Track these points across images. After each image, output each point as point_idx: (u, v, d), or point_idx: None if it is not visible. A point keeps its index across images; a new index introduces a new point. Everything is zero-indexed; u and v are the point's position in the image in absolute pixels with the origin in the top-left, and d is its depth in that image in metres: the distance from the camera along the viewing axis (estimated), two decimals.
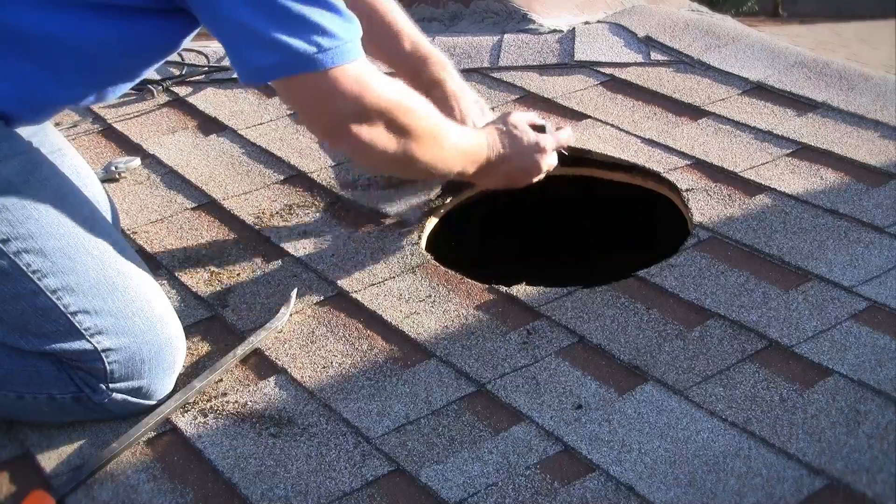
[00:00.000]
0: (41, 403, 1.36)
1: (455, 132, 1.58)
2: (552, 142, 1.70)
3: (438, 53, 1.81)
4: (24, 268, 1.32)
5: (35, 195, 1.35)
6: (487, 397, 1.35)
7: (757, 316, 1.44)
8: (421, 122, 1.48)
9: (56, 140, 1.59)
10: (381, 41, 1.77)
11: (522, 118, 1.68)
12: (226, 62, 2.46)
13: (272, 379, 1.43)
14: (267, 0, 1.28)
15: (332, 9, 1.32)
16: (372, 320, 1.53)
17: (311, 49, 1.31)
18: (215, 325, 1.56)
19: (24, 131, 1.44)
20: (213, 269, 1.69)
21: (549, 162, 1.71)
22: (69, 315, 1.34)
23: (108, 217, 1.60)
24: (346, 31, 1.34)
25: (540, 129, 1.71)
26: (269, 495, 1.22)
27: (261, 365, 1.46)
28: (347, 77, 1.35)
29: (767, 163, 1.83)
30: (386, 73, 1.49)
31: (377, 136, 1.42)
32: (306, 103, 1.41)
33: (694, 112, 2.05)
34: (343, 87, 1.36)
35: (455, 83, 1.80)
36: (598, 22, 2.50)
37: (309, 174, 1.95)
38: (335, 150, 1.88)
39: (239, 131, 2.14)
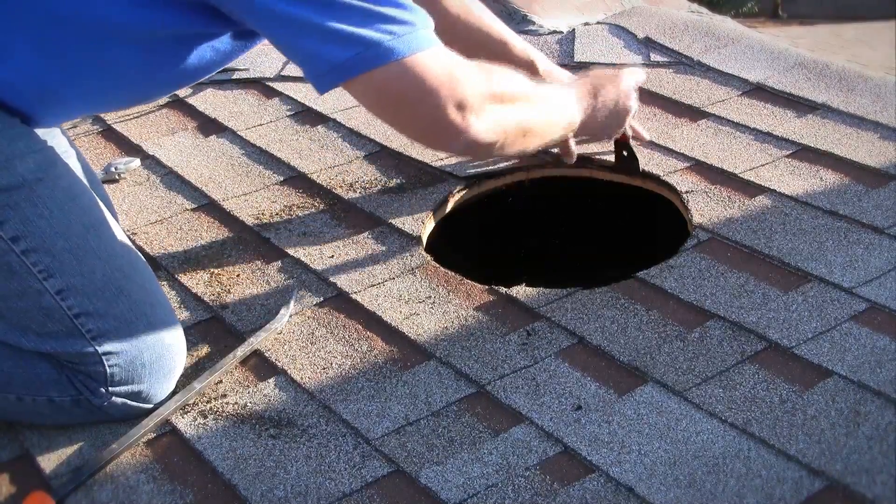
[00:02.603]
0: (40, 406, 1.36)
1: (545, 95, 1.50)
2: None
3: (515, 35, 1.83)
4: (31, 266, 1.32)
5: (47, 194, 1.35)
6: (487, 398, 1.35)
7: (757, 317, 1.44)
8: (521, 87, 1.40)
9: (64, 141, 1.60)
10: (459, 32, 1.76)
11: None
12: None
13: (272, 380, 1.43)
14: None
15: (393, 3, 1.24)
16: (372, 321, 1.53)
17: (386, 37, 1.22)
18: (215, 326, 1.56)
19: (38, 132, 1.44)
20: (212, 270, 1.69)
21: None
22: (72, 317, 1.34)
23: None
24: (415, 18, 1.26)
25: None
26: (269, 496, 1.22)
27: (260, 366, 1.46)
28: (432, 62, 1.25)
29: (767, 164, 1.83)
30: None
31: (486, 117, 1.30)
32: (395, 100, 1.28)
33: (694, 113, 2.05)
34: (431, 73, 1.24)
35: (545, 63, 1.82)
36: (598, 23, 2.50)
37: (309, 175, 1.95)
38: (444, 151, 1.71)
39: (239, 132, 2.14)
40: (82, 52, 1.33)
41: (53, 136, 1.53)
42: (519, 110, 1.39)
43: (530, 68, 1.84)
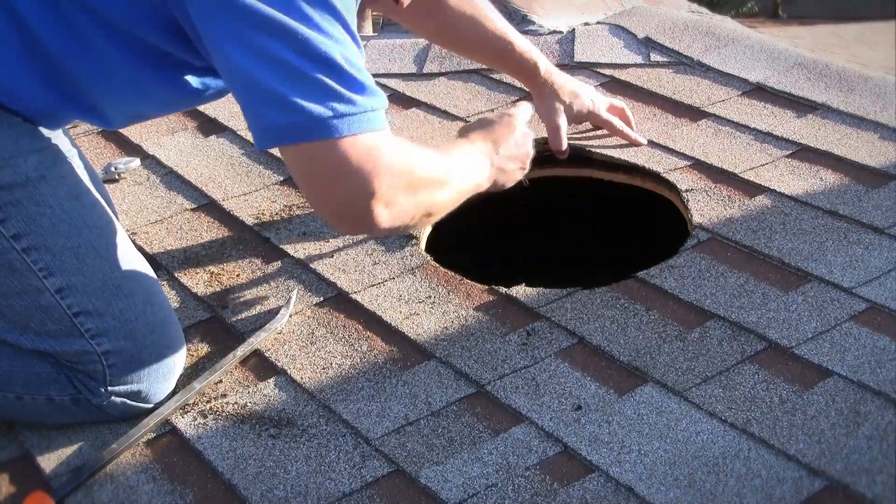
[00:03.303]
0: (40, 405, 1.36)
1: (458, 172, 1.47)
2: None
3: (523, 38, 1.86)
4: (32, 264, 1.32)
5: (50, 192, 1.35)
6: (487, 398, 1.35)
7: (757, 317, 1.44)
8: (437, 172, 1.39)
9: (66, 141, 1.60)
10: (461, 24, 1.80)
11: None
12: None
13: (272, 380, 1.43)
14: (282, 61, 1.19)
15: (348, 80, 1.22)
16: (371, 321, 1.53)
17: (326, 113, 1.20)
18: (215, 326, 1.56)
19: (42, 131, 1.45)
20: (212, 269, 1.69)
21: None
22: (71, 315, 1.34)
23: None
24: (365, 100, 1.23)
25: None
26: (269, 496, 1.22)
27: (260, 366, 1.46)
28: (360, 148, 1.23)
29: (767, 164, 1.83)
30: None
31: (394, 208, 1.29)
32: (313, 178, 1.27)
33: (694, 113, 2.05)
34: (354, 160, 1.22)
35: (546, 65, 1.86)
36: (598, 23, 2.50)
37: None
38: (347, 233, 1.74)
39: (238, 132, 2.14)
40: (81, 59, 1.33)
41: (56, 136, 1.53)
42: (430, 196, 1.37)
43: (532, 69, 1.85)
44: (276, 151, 2.04)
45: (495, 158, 1.55)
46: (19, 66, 1.32)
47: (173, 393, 1.40)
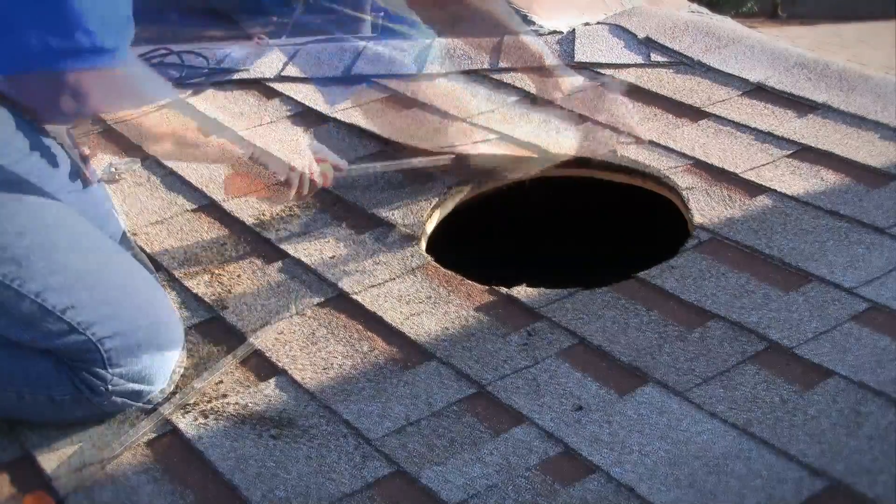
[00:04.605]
0: (41, 403, 1.36)
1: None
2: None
3: None
4: (1, 278, 1.32)
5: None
6: (488, 399, 1.35)
7: (757, 317, 1.44)
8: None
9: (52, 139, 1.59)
10: None
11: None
12: (225, 64, 2.46)
13: (272, 380, 1.43)
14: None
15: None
16: (372, 322, 1.53)
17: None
18: (215, 326, 1.56)
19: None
20: (213, 270, 1.69)
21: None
22: (59, 314, 1.34)
23: (116, 219, 1.60)
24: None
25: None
26: (270, 497, 1.22)
27: (261, 366, 1.46)
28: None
29: (768, 164, 1.83)
30: None
31: None
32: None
33: (694, 113, 2.05)
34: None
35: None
36: (598, 23, 2.50)
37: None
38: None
39: (239, 133, 2.13)
40: None
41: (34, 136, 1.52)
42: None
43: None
44: (275, 151, 2.03)
45: (255, 149, 1.66)
46: None
47: (174, 393, 1.40)
